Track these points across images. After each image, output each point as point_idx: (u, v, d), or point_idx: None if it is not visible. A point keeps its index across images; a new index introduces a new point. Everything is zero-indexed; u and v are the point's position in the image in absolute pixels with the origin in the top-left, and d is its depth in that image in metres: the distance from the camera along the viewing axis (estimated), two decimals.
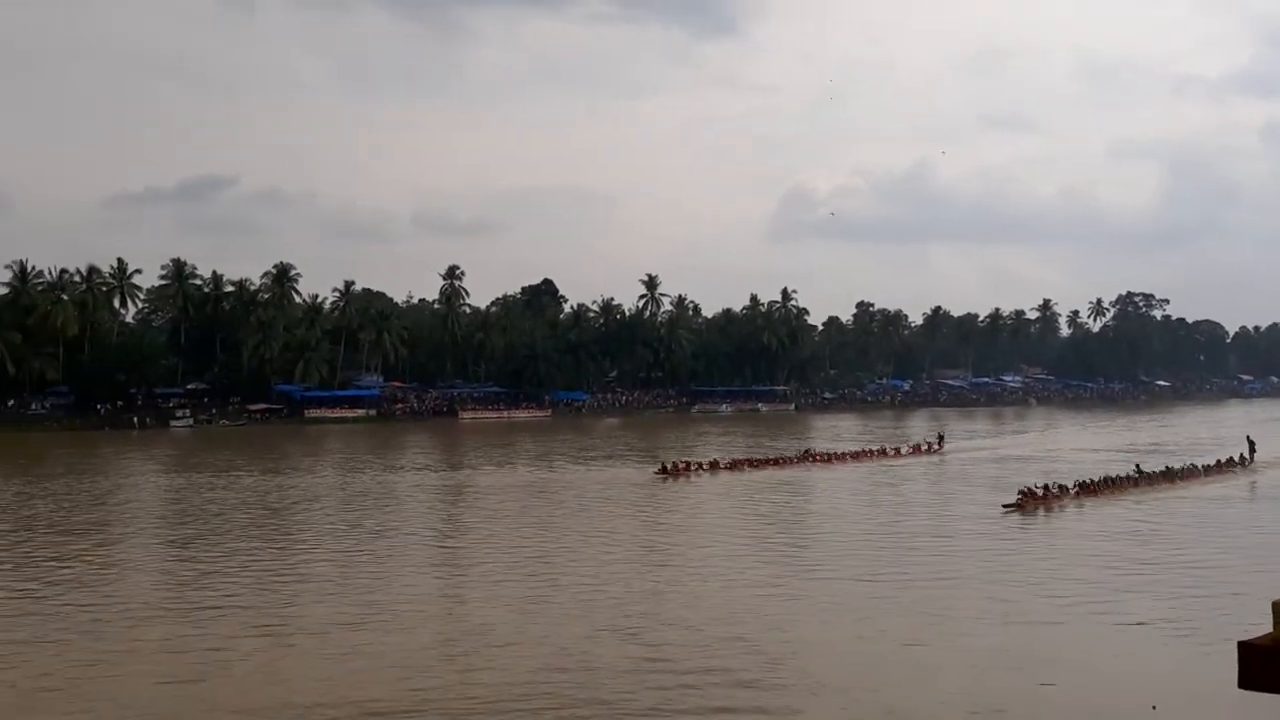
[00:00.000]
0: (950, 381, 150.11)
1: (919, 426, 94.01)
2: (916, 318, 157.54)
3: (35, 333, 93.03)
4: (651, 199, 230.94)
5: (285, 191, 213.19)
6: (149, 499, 43.62)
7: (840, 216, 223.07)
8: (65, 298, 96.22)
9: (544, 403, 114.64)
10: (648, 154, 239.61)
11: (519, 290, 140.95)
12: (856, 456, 58.14)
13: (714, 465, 51.94)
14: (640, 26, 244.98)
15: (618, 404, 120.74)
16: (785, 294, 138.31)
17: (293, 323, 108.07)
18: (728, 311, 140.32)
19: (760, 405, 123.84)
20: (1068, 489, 39.92)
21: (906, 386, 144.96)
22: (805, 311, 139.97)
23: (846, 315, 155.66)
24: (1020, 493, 37.47)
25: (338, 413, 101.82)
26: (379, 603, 23.79)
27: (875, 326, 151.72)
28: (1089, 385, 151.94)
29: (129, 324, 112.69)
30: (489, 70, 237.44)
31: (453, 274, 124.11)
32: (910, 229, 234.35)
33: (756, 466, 53.04)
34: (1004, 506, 36.69)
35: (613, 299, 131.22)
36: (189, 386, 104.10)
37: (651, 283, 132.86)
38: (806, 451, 57.95)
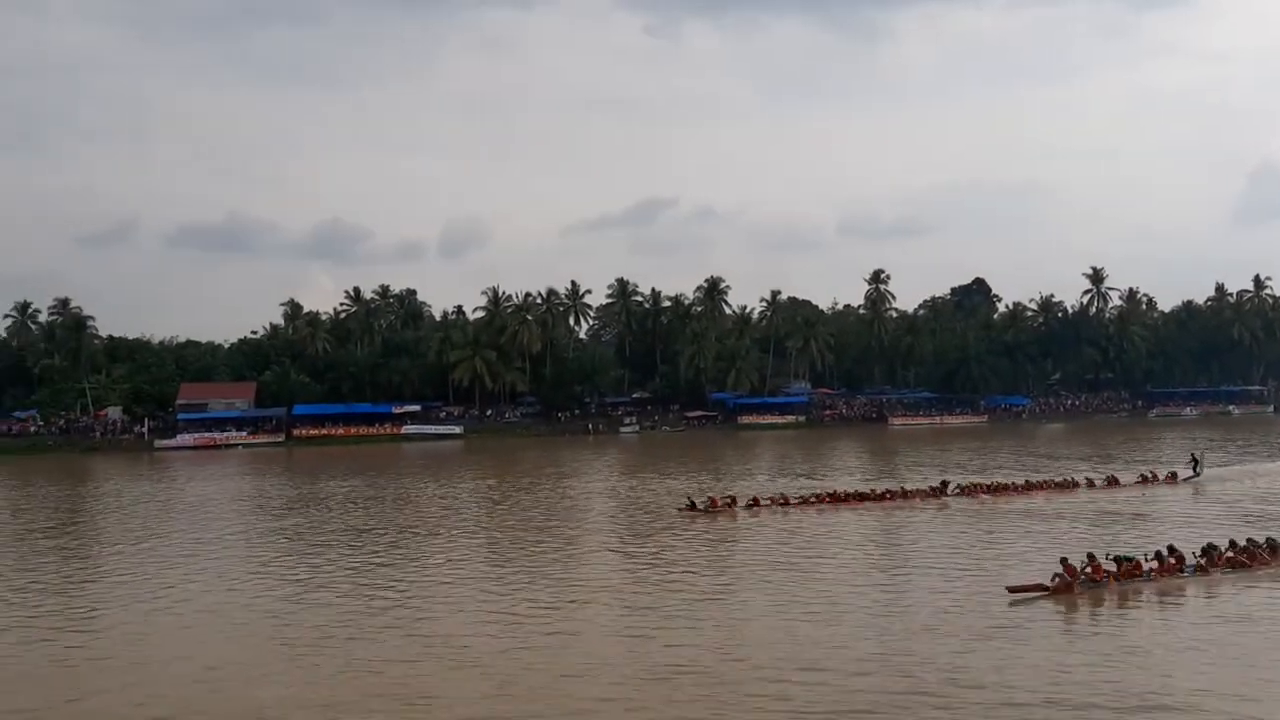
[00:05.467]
0: None
1: None
2: None
3: (506, 350, 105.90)
4: (1091, 186, 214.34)
5: (716, 209, 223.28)
6: (608, 498, 47.26)
7: None
8: (530, 318, 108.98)
9: (979, 408, 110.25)
10: (1083, 138, 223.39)
11: (948, 291, 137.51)
12: (1026, 489, 43.32)
13: (781, 501, 40.96)
14: (1063, 6, 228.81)
15: (1061, 409, 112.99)
16: (1258, 281, 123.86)
17: (723, 333, 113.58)
18: (1188, 304, 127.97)
19: (1231, 407, 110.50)
20: (1178, 557, 25.59)
21: None
22: None
23: None
24: (1062, 566, 24.45)
25: (768, 419, 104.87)
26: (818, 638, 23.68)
27: None
28: None
29: (582, 339, 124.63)
30: (908, 69, 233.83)
31: (877, 278, 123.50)
32: None
33: (834, 503, 40.71)
34: (1010, 590, 23.66)
35: (1052, 295, 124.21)
36: (634, 395, 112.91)
37: (1096, 276, 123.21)
38: (943, 483, 43.96)
